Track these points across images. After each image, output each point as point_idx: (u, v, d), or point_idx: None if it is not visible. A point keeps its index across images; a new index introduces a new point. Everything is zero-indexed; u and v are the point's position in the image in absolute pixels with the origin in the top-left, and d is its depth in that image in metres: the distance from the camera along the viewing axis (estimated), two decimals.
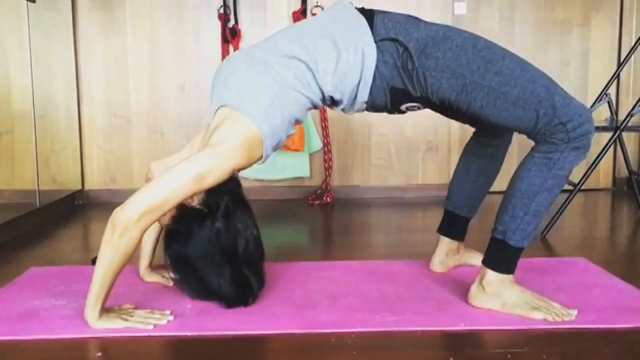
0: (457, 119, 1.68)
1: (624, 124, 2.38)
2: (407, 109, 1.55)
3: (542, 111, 1.42)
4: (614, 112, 2.85)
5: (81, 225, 2.85)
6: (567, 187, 2.73)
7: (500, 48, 1.48)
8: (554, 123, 1.42)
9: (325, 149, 3.30)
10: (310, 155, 3.30)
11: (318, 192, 3.29)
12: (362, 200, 3.32)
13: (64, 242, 2.46)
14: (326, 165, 3.31)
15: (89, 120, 3.29)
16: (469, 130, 1.80)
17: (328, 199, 3.23)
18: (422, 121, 3.31)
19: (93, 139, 3.30)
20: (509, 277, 1.52)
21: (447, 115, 1.65)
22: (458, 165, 1.82)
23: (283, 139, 1.50)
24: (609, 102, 2.79)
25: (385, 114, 1.58)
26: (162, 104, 3.29)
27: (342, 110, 1.58)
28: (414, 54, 1.44)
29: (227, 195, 1.48)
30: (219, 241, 1.47)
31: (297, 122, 1.53)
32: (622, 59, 3.29)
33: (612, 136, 2.39)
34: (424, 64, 1.44)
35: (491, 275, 1.52)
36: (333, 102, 1.55)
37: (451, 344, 1.37)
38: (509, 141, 1.78)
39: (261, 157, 1.47)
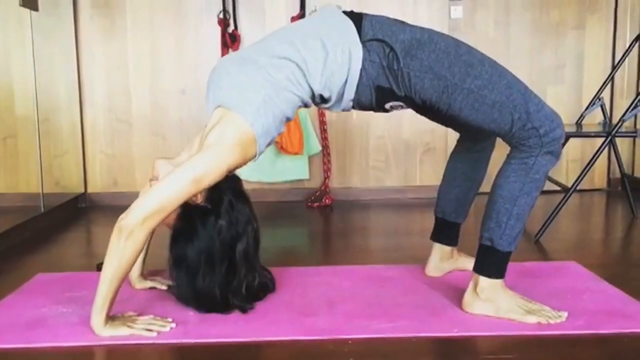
0: (438, 121, 1.74)
1: (615, 130, 2.42)
2: (392, 107, 1.61)
3: (517, 115, 1.49)
4: (607, 116, 2.89)
5: (85, 229, 2.90)
6: (559, 189, 2.79)
7: (480, 53, 1.55)
8: (527, 127, 1.49)
9: (324, 151, 3.35)
10: (310, 157, 3.34)
11: (317, 194, 3.34)
12: (361, 202, 3.37)
13: (69, 246, 2.52)
14: (325, 168, 3.36)
15: (91, 124, 3.34)
16: None
17: (327, 201, 3.28)
18: (419, 123, 3.35)
19: (95, 143, 3.35)
20: (500, 281, 1.58)
21: (429, 117, 1.71)
22: (445, 172, 1.88)
23: (274, 136, 1.57)
24: (602, 106, 2.84)
25: (383, 117, 1.62)
26: (163, 109, 3.33)
27: (330, 108, 1.64)
28: (399, 54, 1.50)
29: (229, 190, 1.56)
30: (220, 238, 1.55)
31: (288, 120, 1.59)
32: (616, 62, 3.33)
33: (605, 141, 2.43)
34: (409, 65, 1.50)
35: (483, 281, 1.57)
36: (322, 100, 1.61)
37: (444, 350, 1.42)
38: (492, 146, 1.84)
39: (255, 155, 1.53)
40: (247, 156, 1.52)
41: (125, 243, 1.41)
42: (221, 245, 1.55)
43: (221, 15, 3.25)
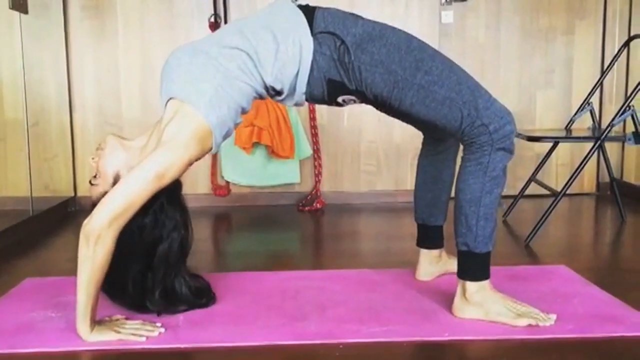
0: (397, 117, 1.73)
1: (604, 135, 2.44)
2: (344, 101, 1.61)
3: (466, 112, 1.50)
4: (596, 120, 2.91)
5: (74, 233, 2.85)
6: (549, 193, 2.80)
7: (432, 49, 1.55)
8: (477, 124, 1.50)
9: (315, 155, 3.35)
10: (301, 161, 3.34)
11: (308, 198, 3.34)
12: (352, 206, 3.37)
13: (58, 250, 2.50)
14: (316, 172, 3.36)
15: (81, 127, 3.32)
16: None
17: (318, 205, 3.28)
18: (410, 128, 3.35)
19: (85, 147, 3.33)
20: (487, 282, 1.58)
21: (385, 113, 1.69)
22: (416, 178, 1.89)
23: (231, 127, 1.56)
24: (591, 111, 2.85)
25: (374, 121, 1.61)
26: (154, 112, 3.31)
27: (282, 101, 1.63)
28: (350, 47, 1.50)
29: (164, 193, 1.53)
30: (141, 236, 1.54)
31: (244, 111, 1.58)
32: (605, 67, 3.36)
33: (594, 145, 2.45)
34: (360, 58, 1.50)
35: (470, 286, 1.57)
36: (275, 92, 1.60)
37: (435, 355, 1.42)
38: (456, 145, 1.84)
39: (212, 147, 1.53)
40: (205, 149, 1.51)
41: (95, 249, 1.40)
42: (139, 242, 1.54)
43: (212, 19, 3.24)
